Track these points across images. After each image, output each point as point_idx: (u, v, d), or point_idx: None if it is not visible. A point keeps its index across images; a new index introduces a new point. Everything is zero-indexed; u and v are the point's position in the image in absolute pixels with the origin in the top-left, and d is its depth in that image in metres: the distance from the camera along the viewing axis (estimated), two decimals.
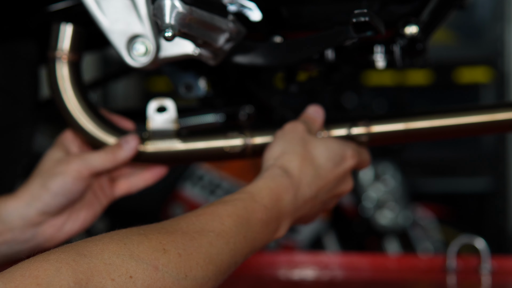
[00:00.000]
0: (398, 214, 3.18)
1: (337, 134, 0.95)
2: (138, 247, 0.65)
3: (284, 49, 0.94)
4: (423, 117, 0.95)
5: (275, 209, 0.80)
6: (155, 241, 0.67)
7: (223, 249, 0.71)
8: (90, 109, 0.97)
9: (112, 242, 0.64)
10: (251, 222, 0.76)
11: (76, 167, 0.91)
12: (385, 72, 4.16)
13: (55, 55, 0.95)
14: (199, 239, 0.70)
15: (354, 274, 1.34)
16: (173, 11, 0.76)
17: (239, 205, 0.77)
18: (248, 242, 0.75)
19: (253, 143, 0.96)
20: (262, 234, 0.78)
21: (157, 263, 0.64)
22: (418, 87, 4.32)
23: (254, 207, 0.77)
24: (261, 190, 0.80)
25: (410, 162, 4.23)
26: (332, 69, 1.19)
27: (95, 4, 0.92)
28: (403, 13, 0.94)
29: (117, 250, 0.63)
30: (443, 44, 4.25)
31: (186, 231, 0.70)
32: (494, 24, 4.21)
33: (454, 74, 4.32)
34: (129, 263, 0.63)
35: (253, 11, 0.95)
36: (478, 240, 1.28)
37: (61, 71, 0.95)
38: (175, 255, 0.66)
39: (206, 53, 0.91)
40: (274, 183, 0.82)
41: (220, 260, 0.71)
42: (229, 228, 0.73)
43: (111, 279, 0.61)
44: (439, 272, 1.32)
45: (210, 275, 0.69)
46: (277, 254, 1.43)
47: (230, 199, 0.78)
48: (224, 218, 0.74)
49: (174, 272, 0.65)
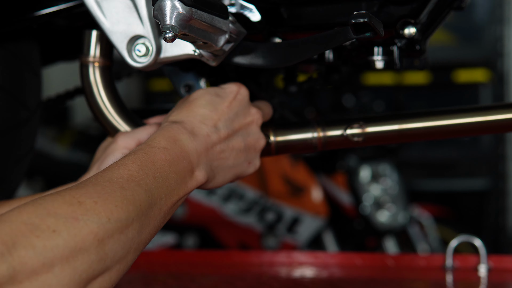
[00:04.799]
0: (397, 214, 3.19)
1: (332, 135, 0.98)
2: (53, 204, 0.68)
3: (283, 50, 0.95)
4: (416, 118, 0.98)
5: (176, 148, 0.83)
6: (68, 196, 0.70)
7: (136, 190, 0.74)
8: (121, 110, 1.01)
9: (28, 205, 0.67)
10: (156, 163, 0.79)
11: (124, 143, 0.98)
12: (384, 72, 4.16)
13: (88, 60, 0.99)
14: (110, 186, 0.73)
15: (353, 273, 1.34)
16: (174, 12, 0.76)
17: (139, 153, 0.80)
18: (161, 182, 0.78)
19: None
20: (174, 174, 0.81)
21: (75, 214, 0.67)
22: (417, 87, 4.32)
23: (153, 151, 0.81)
24: (155, 137, 0.84)
25: (409, 162, 4.24)
26: (331, 70, 1.19)
27: (96, 5, 0.93)
28: (402, 14, 0.94)
29: (34, 211, 0.66)
30: (442, 45, 4.25)
31: (96, 183, 0.74)
32: (492, 25, 4.22)
33: (452, 75, 4.32)
34: (48, 220, 0.66)
35: (253, 12, 0.96)
36: (476, 240, 1.29)
37: (94, 75, 0.99)
38: (91, 203, 0.69)
39: (206, 54, 0.92)
40: (165, 130, 0.86)
41: (138, 201, 0.74)
42: (136, 171, 0.77)
43: (36, 236, 0.64)
44: (437, 271, 1.32)
45: (133, 215, 0.72)
46: (276, 254, 1.43)
47: (129, 153, 0.81)
48: (129, 165, 0.78)
49: (96, 218, 0.68)
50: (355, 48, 1.02)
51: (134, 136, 0.99)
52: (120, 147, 0.98)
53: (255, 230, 2.96)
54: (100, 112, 1.00)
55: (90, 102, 1.01)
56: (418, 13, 0.94)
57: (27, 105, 1.08)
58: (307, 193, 3.00)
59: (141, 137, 0.98)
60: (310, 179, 3.03)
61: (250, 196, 2.95)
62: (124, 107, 1.02)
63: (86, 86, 1.00)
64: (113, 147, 0.98)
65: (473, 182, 4.36)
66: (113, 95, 1.01)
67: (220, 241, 3.00)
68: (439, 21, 1.02)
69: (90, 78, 0.99)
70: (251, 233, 2.96)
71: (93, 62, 0.99)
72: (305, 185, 3.01)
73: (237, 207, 2.94)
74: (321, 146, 0.99)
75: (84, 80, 1.00)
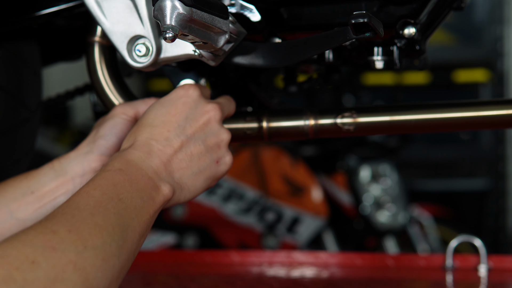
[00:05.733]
0: (397, 214, 3.19)
1: (324, 123, 0.99)
2: (27, 235, 0.66)
3: (284, 50, 0.95)
4: (408, 111, 0.98)
5: (131, 168, 0.81)
6: (40, 227, 0.68)
7: (105, 215, 0.73)
8: (122, 88, 1.02)
9: (2, 241, 0.65)
10: (117, 185, 0.78)
11: (122, 110, 0.98)
12: (384, 72, 4.16)
13: (93, 40, 1.01)
14: (79, 214, 0.71)
15: (353, 273, 1.34)
16: (174, 12, 0.76)
17: (97, 179, 0.79)
18: (127, 202, 0.76)
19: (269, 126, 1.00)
20: (138, 192, 0.79)
21: (52, 243, 0.65)
22: (417, 87, 4.32)
23: (110, 174, 0.79)
24: (109, 163, 0.82)
25: (410, 162, 4.24)
26: (331, 70, 1.20)
27: (96, 5, 0.93)
28: (401, 14, 0.94)
29: (9, 243, 0.64)
30: (442, 45, 4.25)
31: (64, 213, 0.72)
32: (492, 25, 4.22)
33: (452, 75, 4.32)
34: (25, 250, 0.63)
35: (253, 12, 0.96)
36: (476, 240, 1.29)
37: (98, 54, 1.02)
38: (65, 232, 0.68)
39: (206, 54, 0.92)
40: (117, 155, 0.84)
41: (110, 225, 0.72)
42: (100, 196, 0.75)
43: (16, 268, 0.61)
44: (437, 271, 1.32)
45: (108, 240, 0.71)
46: (276, 254, 1.43)
47: (88, 181, 0.79)
48: (91, 192, 0.76)
49: (72, 247, 0.67)
50: (355, 48, 1.02)
51: (133, 105, 0.99)
52: (118, 112, 0.98)
53: (255, 230, 2.96)
54: (102, 90, 1.02)
55: (93, 79, 1.02)
56: (418, 13, 0.94)
57: (27, 105, 1.08)
58: (307, 193, 3.00)
59: (140, 108, 0.98)
60: (310, 179, 3.04)
61: (250, 196, 2.95)
62: (125, 86, 1.03)
63: (90, 64, 1.02)
64: (111, 113, 0.98)
65: (473, 182, 4.37)
66: (115, 74, 1.02)
67: (220, 241, 3.00)
68: (439, 21, 1.02)
69: (94, 57, 1.01)
70: (251, 233, 2.96)
71: (98, 41, 1.01)
72: (305, 185, 3.01)
73: (237, 207, 2.94)
74: (313, 133, 0.99)
75: (89, 58, 1.02)
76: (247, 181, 2.96)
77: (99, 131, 0.98)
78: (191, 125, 0.90)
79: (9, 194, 0.94)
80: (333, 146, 3.23)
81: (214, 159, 0.91)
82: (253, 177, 2.93)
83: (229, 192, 2.94)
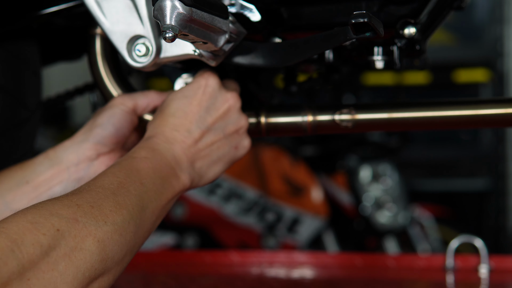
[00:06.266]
0: (397, 214, 3.18)
1: (322, 119, 0.99)
2: (54, 206, 0.72)
3: (283, 50, 0.95)
4: (406, 108, 0.98)
5: (156, 157, 0.87)
6: (66, 200, 0.74)
7: (127, 195, 0.78)
8: (122, 81, 1.03)
9: (30, 208, 0.71)
10: (141, 171, 0.83)
11: (121, 100, 0.99)
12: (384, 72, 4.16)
13: (95, 32, 1.01)
14: (103, 192, 0.77)
15: (353, 273, 1.34)
16: (174, 12, 0.76)
17: (124, 163, 0.84)
18: (148, 187, 0.82)
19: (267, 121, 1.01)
20: (160, 179, 0.84)
21: (75, 216, 0.71)
22: (417, 87, 4.32)
23: (136, 161, 0.85)
24: (135, 150, 0.88)
25: (410, 162, 4.24)
26: (331, 70, 1.19)
27: (96, 5, 0.93)
28: (402, 14, 0.94)
29: (37, 212, 0.70)
30: (442, 45, 4.25)
31: (89, 189, 0.77)
32: (492, 25, 4.22)
33: (452, 75, 4.32)
34: (52, 219, 0.69)
35: (253, 12, 0.96)
36: (477, 240, 1.29)
37: (99, 46, 1.02)
38: (88, 207, 0.73)
39: (206, 54, 0.92)
40: (143, 143, 0.90)
41: (130, 205, 0.78)
42: (124, 178, 0.80)
43: (42, 233, 0.67)
44: (438, 271, 1.32)
45: (128, 218, 0.76)
46: (276, 254, 1.43)
47: (114, 163, 0.85)
48: (117, 173, 0.81)
49: (93, 221, 0.72)
50: (355, 48, 1.02)
51: (132, 97, 0.99)
52: (117, 103, 0.98)
53: (255, 230, 2.96)
54: (101, 82, 1.02)
55: (93, 71, 1.02)
56: (418, 13, 0.94)
57: (27, 105, 1.08)
58: (307, 193, 3.00)
59: (139, 101, 0.99)
60: (310, 179, 3.03)
61: (250, 196, 2.95)
62: (125, 79, 1.03)
63: (91, 56, 1.02)
64: (110, 103, 0.99)
65: (473, 182, 4.36)
66: (115, 66, 1.03)
67: (220, 241, 3.00)
68: (439, 21, 1.02)
69: (95, 48, 1.02)
70: (251, 233, 2.96)
71: (100, 34, 1.01)
72: (305, 185, 3.01)
73: (237, 207, 2.94)
74: (311, 129, 0.99)
75: (90, 50, 1.02)
76: (247, 181, 2.96)
77: (96, 120, 0.98)
78: (212, 115, 0.93)
79: (4, 184, 0.95)
80: (333, 146, 3.23)
81: (233, 145, 0.96)
82: (253, 177, 2.93)
83: (229, 192, 2.94)
